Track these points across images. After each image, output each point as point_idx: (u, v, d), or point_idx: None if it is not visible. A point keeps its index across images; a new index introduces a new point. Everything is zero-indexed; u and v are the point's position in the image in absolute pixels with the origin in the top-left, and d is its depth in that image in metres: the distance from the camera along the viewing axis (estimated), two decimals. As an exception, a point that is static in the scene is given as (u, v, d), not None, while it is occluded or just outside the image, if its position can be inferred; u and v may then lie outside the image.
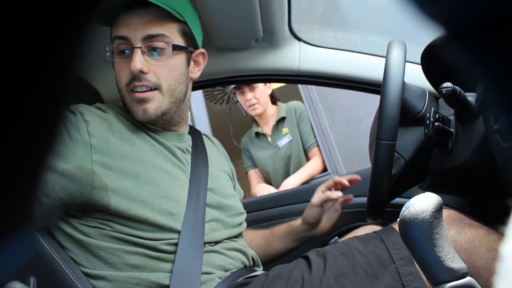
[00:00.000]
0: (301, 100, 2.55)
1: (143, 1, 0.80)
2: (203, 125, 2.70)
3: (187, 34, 0.90)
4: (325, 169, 2.24)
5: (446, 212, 0.75)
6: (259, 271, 0.86)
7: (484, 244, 0.67)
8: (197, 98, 2.74)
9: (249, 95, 2.13)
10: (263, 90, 2.18)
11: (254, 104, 2.14)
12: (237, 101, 2.22)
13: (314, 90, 2.52)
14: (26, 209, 0.19)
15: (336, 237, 1.23)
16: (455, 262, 0.42)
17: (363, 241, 0.78)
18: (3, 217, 0.18)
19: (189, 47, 0.90)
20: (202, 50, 0.96)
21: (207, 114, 2.85)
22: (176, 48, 0.86)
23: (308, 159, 2.21)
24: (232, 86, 2.17)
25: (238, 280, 0.81)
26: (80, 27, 0.16)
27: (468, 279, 0.42)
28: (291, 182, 1.98)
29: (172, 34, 0.86)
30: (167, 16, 0.84)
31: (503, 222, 0.70)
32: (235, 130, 2.38)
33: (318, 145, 2.23)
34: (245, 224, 1.00)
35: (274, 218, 1.35)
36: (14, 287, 0.45)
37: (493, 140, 0.62)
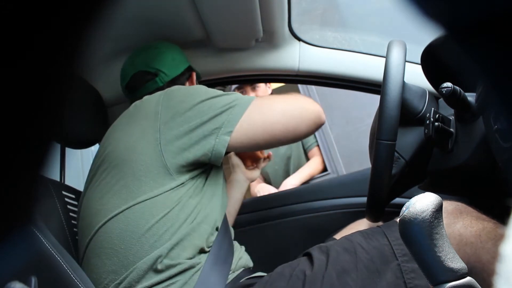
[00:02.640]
0: (301, 100, 2.54)
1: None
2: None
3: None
4: (325, 169, 2.23)
5: (453, 205, 0.75)
6: (261, 273, 0.86)
7: (491, 238, 0.66)
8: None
9: (251, 94, 2.13)
10: (265, 89, 2.18)
11: None
12: None
13: (314, 90, 2.51)
14: (26, 209, 0.19)
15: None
16: (455, 262, 0.42)
17: (366, 236, 0.78)
18: (3, 217, 0.18)
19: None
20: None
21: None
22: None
23: (308, 159, 2.21)
24: (234, 85, 2.16)
25: (241, 281, 0.82)
26: (81, 27, 0.16)
27: (468, 279, 0.42)
28: (291, 182, 1.98)
29: None
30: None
31: (503, 222, 0.70)
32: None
33: (318, 145, 2.23)
34: None
35: (274, 218, 1.35)
36: (14, 287, 0.45)
37: (493, 140, 0.62)
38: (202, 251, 0.80)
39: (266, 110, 0.89)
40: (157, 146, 0.80)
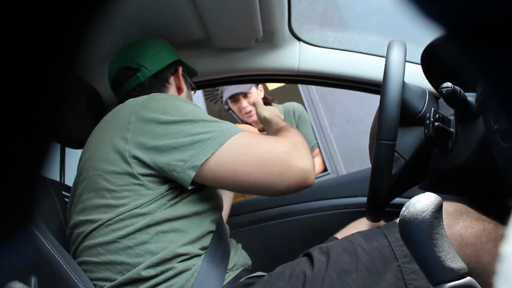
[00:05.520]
0: (301, 100, 2.54)
1: None
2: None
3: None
4: (325, 169, 2.24)
5: (454, 206, 0.74)
6: (261, 273, 0.86)
7: (491, 239, 0.66)
8: (197, 98, 2.74)
9: (244, 102, 2.09)
10: (257, 94, 2.15)
11: (250, 111, 2.11)
12: (229, 109, 2.18)
13: (314, 90, 2.52)
14: (26, 209, 0.19)
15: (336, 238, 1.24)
16: (455, 262, 0.42)
17: (366, 237, 0.77)
18: (3, 217, 0.18)
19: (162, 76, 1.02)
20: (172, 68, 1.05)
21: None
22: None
23: (308, 160, 2.20)
24: (225, 94, 2.13)
25: (241, 280, 0.81)
26: (81, 27, 0.16)
27: (468, 279, 0.42)
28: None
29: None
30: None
31: (503, 222, 0.70)
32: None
33: (318, 146, 2.22)
34: None
35: (274, 218, 1.35)
36: (14, 287, 0.45)
37: (493, 140, 0.62)
38: (196, 255, 0.79)
39: (242, 156, 0.77)
40: (127, 158, 0.77)
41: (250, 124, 2.20)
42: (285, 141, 0.82)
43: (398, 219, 0.44)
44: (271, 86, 2.96)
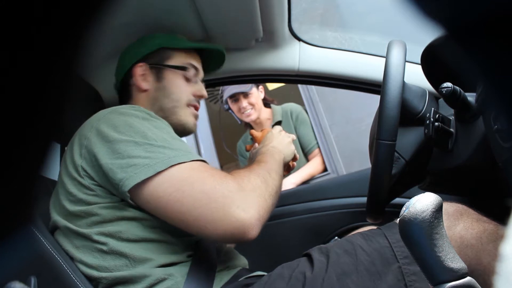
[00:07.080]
0: (301, 100, 2.54)
1: None
2: (203, 125, 2.70)
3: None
4: (325, 169, 2.23)
5: (454, 207, 0.74)
6: (260, 272, 0.86)
7: (492, 240, 0.65)
8: (197, 98, 2.73)
9: (243, 102, 2.10)
10: (257, 95, 2.16)
11: (249, 112, 2.12)
12: (229, 109, 2.19)
13: (314, 90, 2.52)
14: (26, 209, 0.19)
15: (336, 237, 1.23)
16: (455, 262, 0.42)
17: (366, 237, 0.77)
18: (3, 217, 0.18)
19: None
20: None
21: (207, 114, 2.86)
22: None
23: (308, 161, 2.20)
24: (226, 93, 2.14)
25: (240, 280, 0.81)
26: (81, 28, 0.16)
27: (468, 279, 0.42)
28: (291, 181, 1.98)
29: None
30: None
31: (503, 222, 0.70)
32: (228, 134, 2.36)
33: (318, 147, 2.22)
34: None
35: (273, 218, 1.35)
36: (14, 287, 0.45)
37: (493, 140, 0.62)
38: (179, 262, 0.79)
39: (177, 191, 0.71)
40: (80, 172, 0.78)
41: (249, 124, 2.21)
42: (231, 183, 0.74)
43: (398, 219, 0.44)
44: (271, 86, 2.96)
